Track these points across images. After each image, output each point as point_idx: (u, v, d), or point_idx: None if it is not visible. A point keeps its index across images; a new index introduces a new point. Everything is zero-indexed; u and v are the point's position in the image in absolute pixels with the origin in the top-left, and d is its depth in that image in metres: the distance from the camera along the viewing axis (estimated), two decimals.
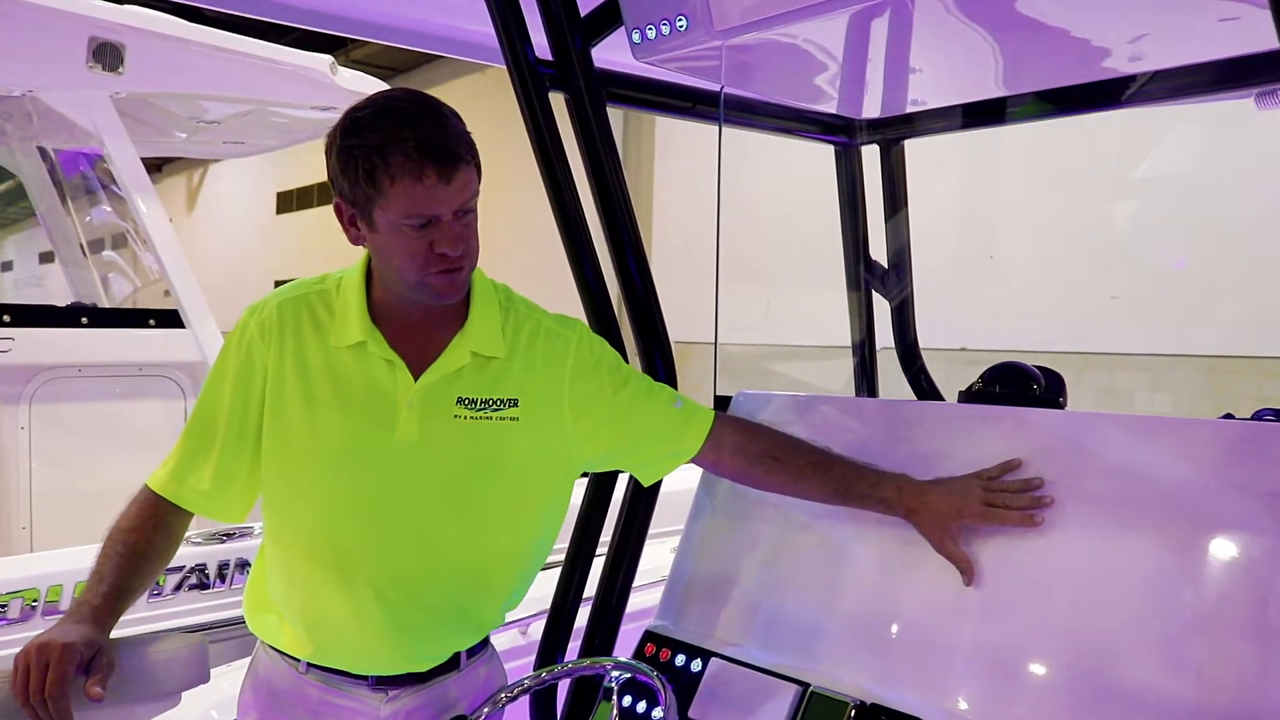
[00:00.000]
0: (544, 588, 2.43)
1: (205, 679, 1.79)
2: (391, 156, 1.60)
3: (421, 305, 1.79)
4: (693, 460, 2.02)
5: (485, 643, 2.02)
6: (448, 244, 1.68)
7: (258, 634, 1.94)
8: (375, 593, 1.81)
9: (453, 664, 1.93)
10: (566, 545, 2.37)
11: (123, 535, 1.76)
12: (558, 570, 2.40)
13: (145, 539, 1.77)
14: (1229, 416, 2.06)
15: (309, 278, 1.90)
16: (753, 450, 2.01)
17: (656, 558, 2.56)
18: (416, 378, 1.80)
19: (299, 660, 1.87)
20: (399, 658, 1.86)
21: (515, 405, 1.85)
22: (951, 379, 3.08)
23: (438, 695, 1.91)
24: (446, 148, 1.63)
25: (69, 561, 3.53)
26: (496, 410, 1.83)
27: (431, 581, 1.84)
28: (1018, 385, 2.29)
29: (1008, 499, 1.86)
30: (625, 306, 2.33)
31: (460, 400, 1.81)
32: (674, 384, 2.39)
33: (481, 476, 1.85)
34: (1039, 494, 1.86)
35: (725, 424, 2.02)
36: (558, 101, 2.23)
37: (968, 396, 2.36)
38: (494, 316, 1.88)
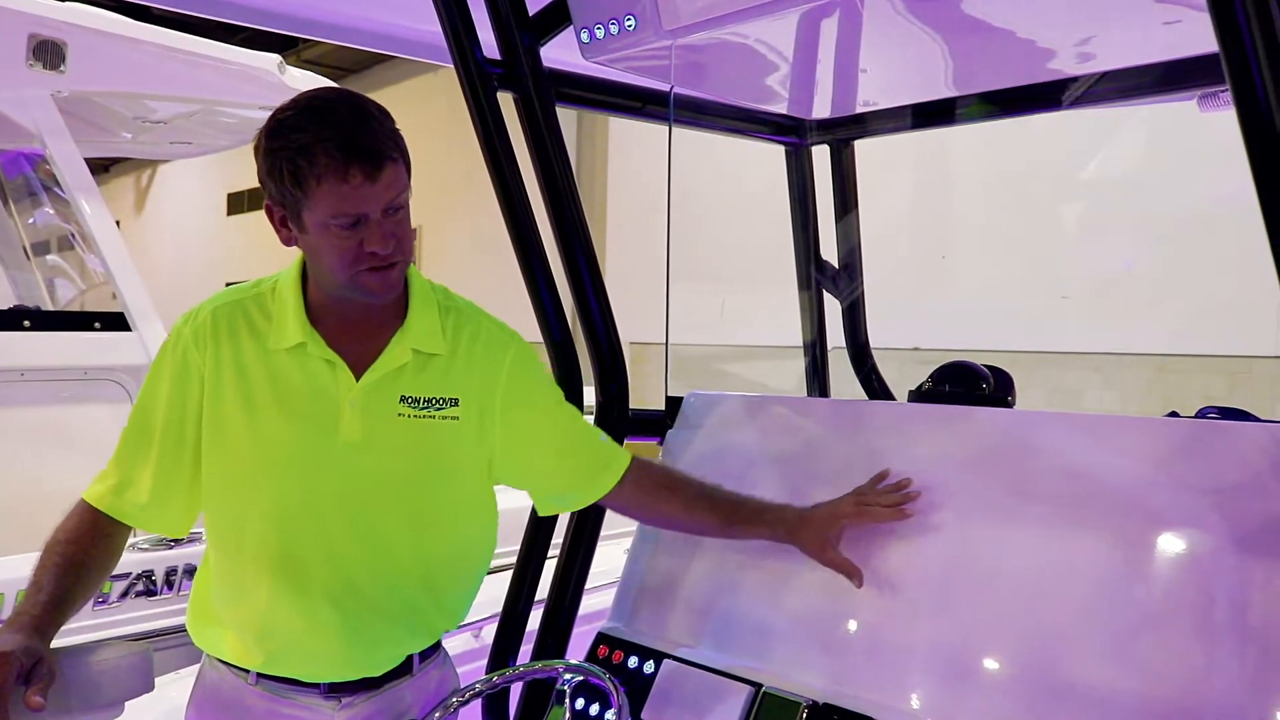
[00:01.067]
0: (496, 590, 2.41)
1: (150, 688, 1.75)
2: (316, 157, 1.59)
3: (359, 304, 1.77)
4: (609, 503, 2.03)
5: (437, 647, 2.01)
6: (378, 242, 1.66)
7: (203, 648, 1.90)
8: (327, 595, 1.78)
9: (405, 668, 1.91)
10: (518, 547, 2.36)
11: (61, 547, 1.72)
12: (509, 573, 2.39)
13: (84, 550, 1.73)
14: (1174, 414, 2.09)
15: (243, 284, 1.88)
16: (649, 488, 2.02)
17: (610, 559, 2.56)
18: (358, 377, 1.78)
19: (248, 671, 1.84)
20: (351, 662, 1.83)
21: (456, 405, 1.84)
22: (904, 379, 3.10)
23: (391, 701, 1.89)
24: (371, 146, 1.61)
25: (12, 570, 3.46)
26: (439, 409, 1.82)
27: (382, 582, 1.82)
28: (967, 384, 2.31)
29: (878, 498, 1.96)
30: (576, 308, 2.32)
31: (404, 399, 1.80)
32: (625, 386, 2.39)
33: (427, 475, 1.84)
34: (909, 491, 1.96)
35: (641, 462, 2.02)
36: (506, 101, 2.22)
37: (917, 396, 2.37)
38: (433, 314, 1.86)
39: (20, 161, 5.80)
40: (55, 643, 1.61)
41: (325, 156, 1.58)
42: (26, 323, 4.55)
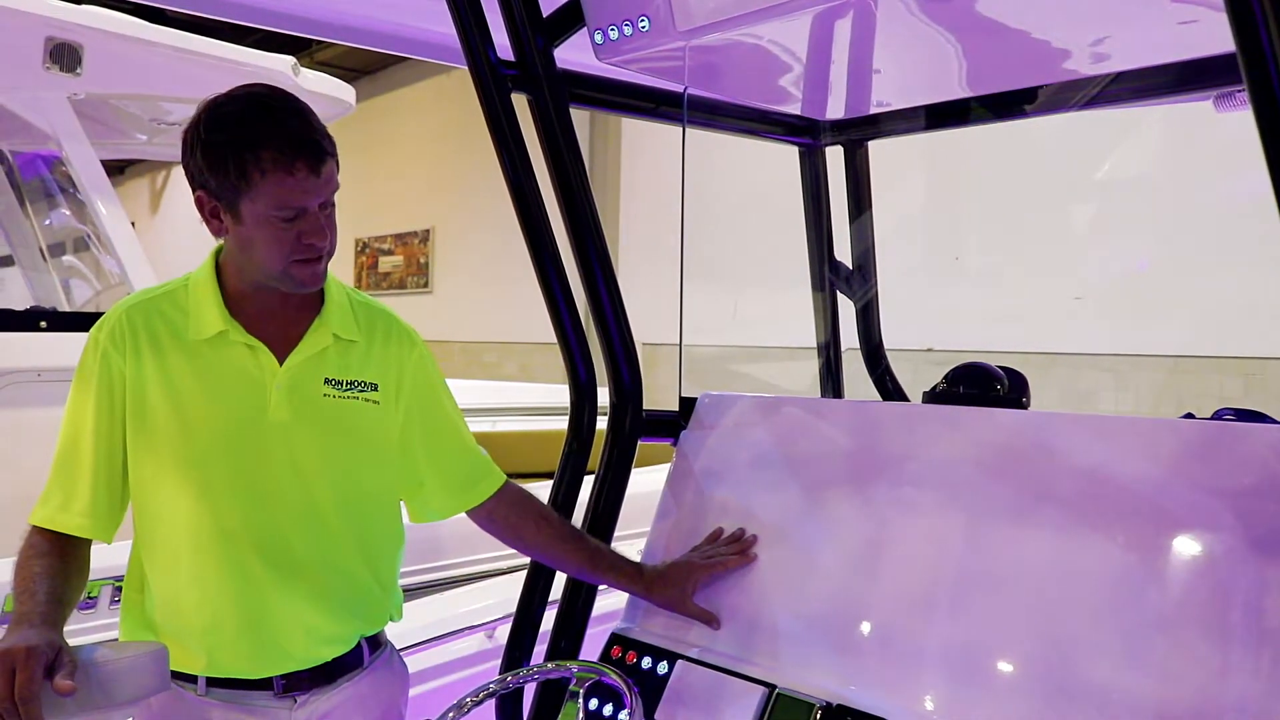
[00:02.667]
0: (510, 591, 2.42)
1: (166, 686, 1.75)
2: (263, 151, 1.65)
3: (278, 294, 1.83)
4: (469, 511, 2.09)
5: (381, 640, 2.05)
6: (314, 234, 1.74)
7: None
8: (270, 576, 1.82)
9: (357, 659, 1.94)
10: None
11: (34, 562, 1.73)
12: (523, 574, 2.39)
13: (58, 559, 1.75)
14: (1190, 416, 2.08)
15: (151, 286, 1.93)
16: (527, 514, 2.10)
17: None
18: (281, 361, 1.84)
19: (195, 680, 1.84)
20: (300, 644, 1.86)
21: (376, 389, 1.92)
22: (918, 380, 3.09)
23: (348, 696, 1.92)
24: (314, 142, 1.69)
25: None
26: (361, 391, 1.91)
27: (323, 558, 1.87)
28: (981, 386, 2.30)
29: (721, 551, 2.15)
30: (590, 309, 2.33)
31: (328, 380, 1.88)
32: (639, 386, 2.39)
33: (357, 453, 1.91)
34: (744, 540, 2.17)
35: (509, 489, 2.10)
36: (520, 103, 2.22)
37: (932, 397, 2.37)
38: (345, 303, 1.95)
39: (36, 163, 5.82)
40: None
41: (273, 150, 1.65)
42: (43, 323, 4.56)
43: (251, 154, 1.65)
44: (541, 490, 2.17)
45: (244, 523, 1.81)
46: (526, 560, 2.36)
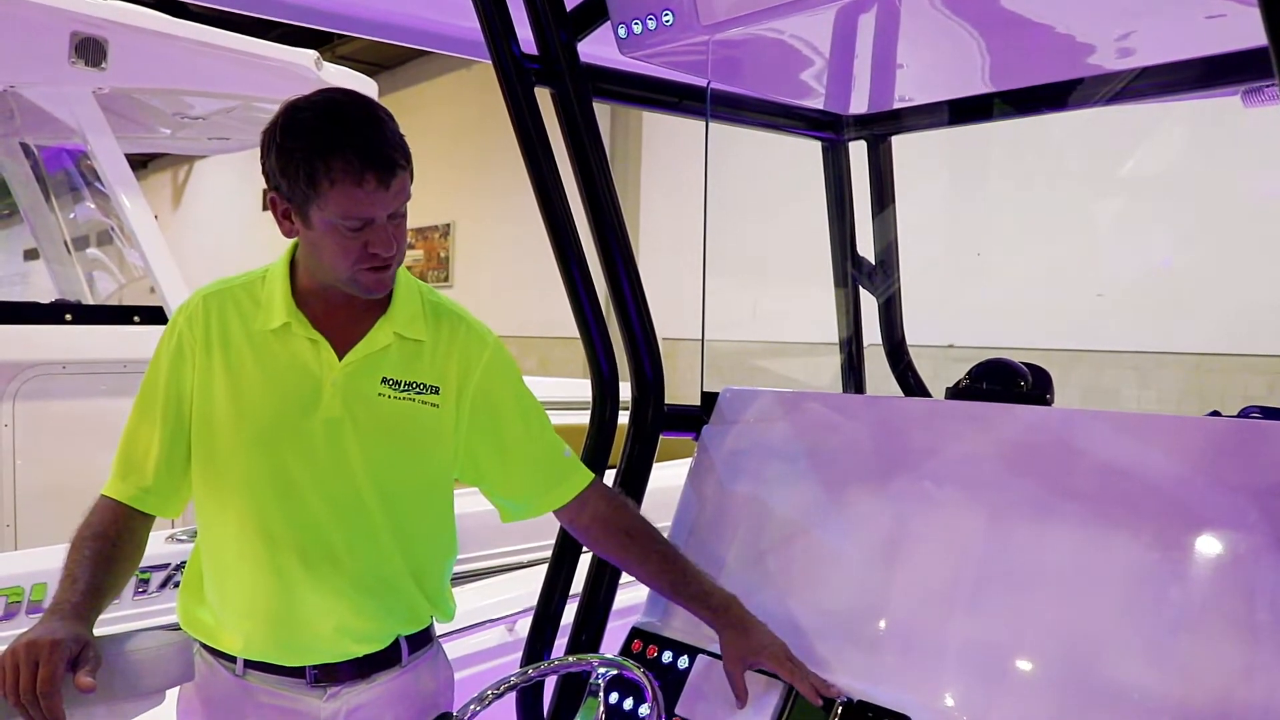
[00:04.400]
0: (531, 585, 2.42)
1: (190, 677, 1.78)
2: (334, 161, 1.64)
3: (346, 293, 1.82)
4: (555, 513, 2.05)
5: (429, 639, 2.03)
6: (380, 245, 1.73)
7: (189, 631, 1.92)
8: (306, 570, 1.83)
9: (393, 656, 1.93)
10: (553, 541, 2.36)
11: (88, 543, 1.75)
12: (544, 568, 2.39)
13: (110, 543, 1.77)
14: (1216, 414, 2.07)
15: (238, 274, 1.94)
16: (613, 524, 2.03)
17: None
18: (341, 357, 1.84)
19: (235, 661, 1.87)
20: (334, 638, 1.86)
21: (436, 393, 1.90)
22: (939, 376, 3.08)
23: (380, 694, 1.91)
24: (386, 155, 1.68)
25: (53, 559, 3.47)
26: (420, 393, 1.89)
27: (360, 557, 1.86)
28: (1005, 382, 2.29)
29: (807, 676, 1.91)
30: (612, 303, 2.32)
31: (385, 380, 1.86)
32: (661, 381, 2.39)
33: (405, 454, 1.89)
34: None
35: (597, 490, 2.05)
36: (543, 97, 2.22)
37: (955, 393, 2.36)
38: (416, 303, 1.93)
39: (62, 157, 5.86)
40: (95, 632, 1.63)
41: (343, 161, 1.64)
42: (68, 316, 4.60)
43: (322, 163, 1.64)
44: None
45: (282, 514, 1.83)
46: (547, 554, 2.36)
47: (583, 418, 2.41)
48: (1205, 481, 1.75)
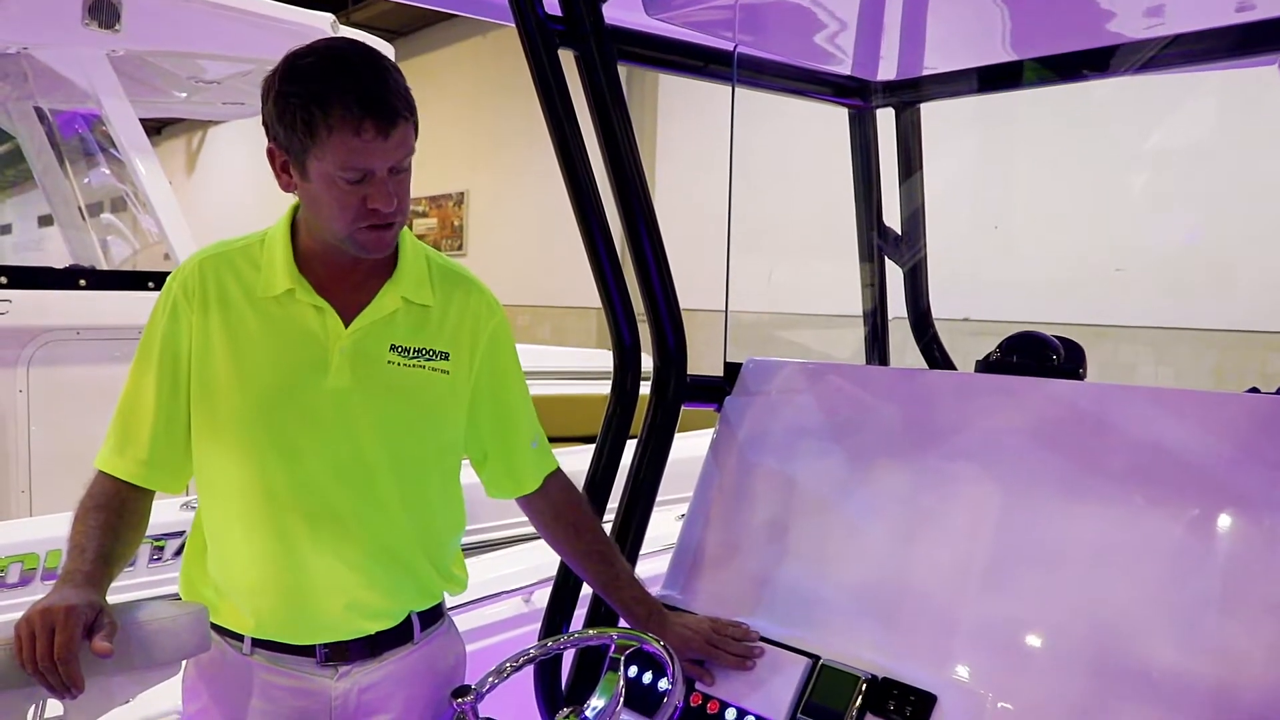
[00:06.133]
0: (547, 556, 2.39)
1: (206, 647, 1.74)
2: (331, 107, 1.57)
3: (349, 255, 1.76)
4: (518, 500, 2.06)
5: (439, 614, 1.99)
6: (380, 200, 1.65)
7: None
8: (315, 544, 1.78)
9: (406, 634, 1.89)
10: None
11: (91, 514, 1.71)
12: None
13: (115, 513, 1.73)
14: (1255, 390, 2.02)
15: (233, 237, 1.88)
16: (564, 515, 2.06)
17: (658, 526, 2.53)
18: (346, 325, 1.78)
19: (242, 640, 1.83)
20: (341, 613, 1.81)
21: (446, 359, 1.85)
22: (955, 349, 3.04)
23: (391, 672, 1.87)
24: (387, 102, 1.60)
25: (68, 526, 3.49)
26: (429, 360, 1.84)
27: (370, 529, 1.82)
28: (1036, 355, 2.25)
29: (727, 643, 2.02)
30: (634, 269, 2.28)
31: (394, 348, 1.81)
32: (684, 351, 2.35)
33: (414, 423, 1.84)
34: (751, 644, 2.04)
35: (560, 479, 2.06)
36: (567, 60, 2.17)
37: (985, 366, 2.32)
38: (422, 267, 1.87)
39: (76, 121, 5.83)
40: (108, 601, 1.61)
41: (341, 107, 1.57)
42: (82, 282, 4.58)
43: (320, 109, 1.57)
44: (577, 456, 2.12)
45: (291, 488, 1.77)
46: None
47: (596, 388, 2.37)
48: (1244, 459, 1.71)
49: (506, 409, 1.96)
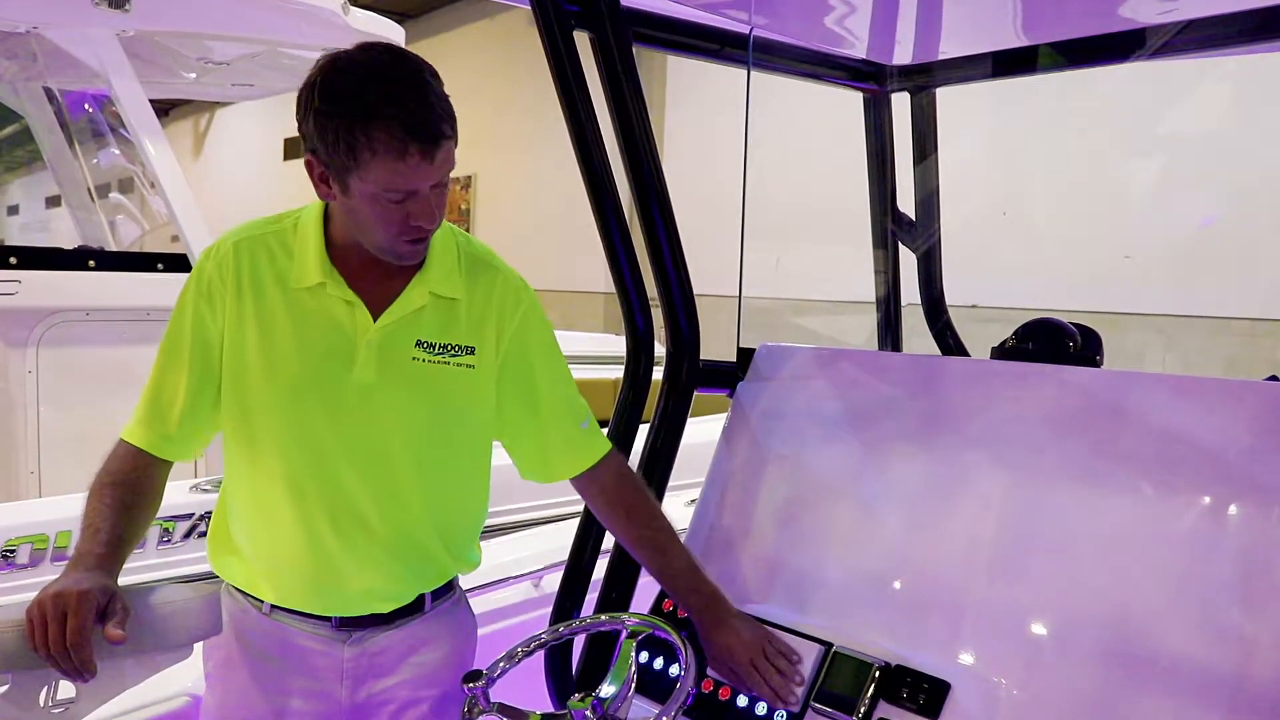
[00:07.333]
0: (558, 540, 2.39)
1: (219, 630, 1.75)
2: (375, 132, 1.56)
3: None
4: (572, 482, 2.02)
5: (451, 587, 2.03)
6: (423, 217, 1.67)
7: (220, 574, 1.94)
8: (335, 532, 1.81)
9: (417, 606, 1.94)
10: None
11: (107, 491, 1.72)
12: (572, 522, 2.36)
13: (131, 489, 1.74)
14: (1274, 378, 2.01)
15: (265, 217, 1.87)
16: (617, 500, 2.01)
17: (670, 511, 2.52)
18: (376, 318, 1.78)
19: (262, 602, 1.89)
20: (358, 596, 1.87)
21: (472, 353, 1.85)
22: (964, 336, 3.03)
23: (402, 638, 1.92)
24: (431, 126, 1.59)
25: (78, 506, 3.48)
26: (454, 355, 1.83)
27: (389, 521, 1.84)
28: (1053, 342, 2.24)
29: (769, 671, 1.91)
30: (648, 253, 2.27)
31: (420, 343, 1.81)
32: (697, 336, 2.34)
33: (437, 419, 1.85)
34: (795, 678, 1.93)
35: (610, 464, 2.01)
36: (581, 43, 2.15)
37: (1001, 353, 2.30)
38: (452, 258, 1.86)
39: (85, 102, 5.82)
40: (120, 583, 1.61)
41: (385, 134, 1.56)
42: (91, 263, 4.58)
43: (364, 133, 1.55)
44: None
45: (314, 479, 1.80)
46: (576, 509, 2.33)
47: (607, 372, 2.36)
48: (1263, 447, 1.70)
49: (534, 395, 1.94)
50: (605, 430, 2.31)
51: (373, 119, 1.55)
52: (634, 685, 1.75)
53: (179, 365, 1.81)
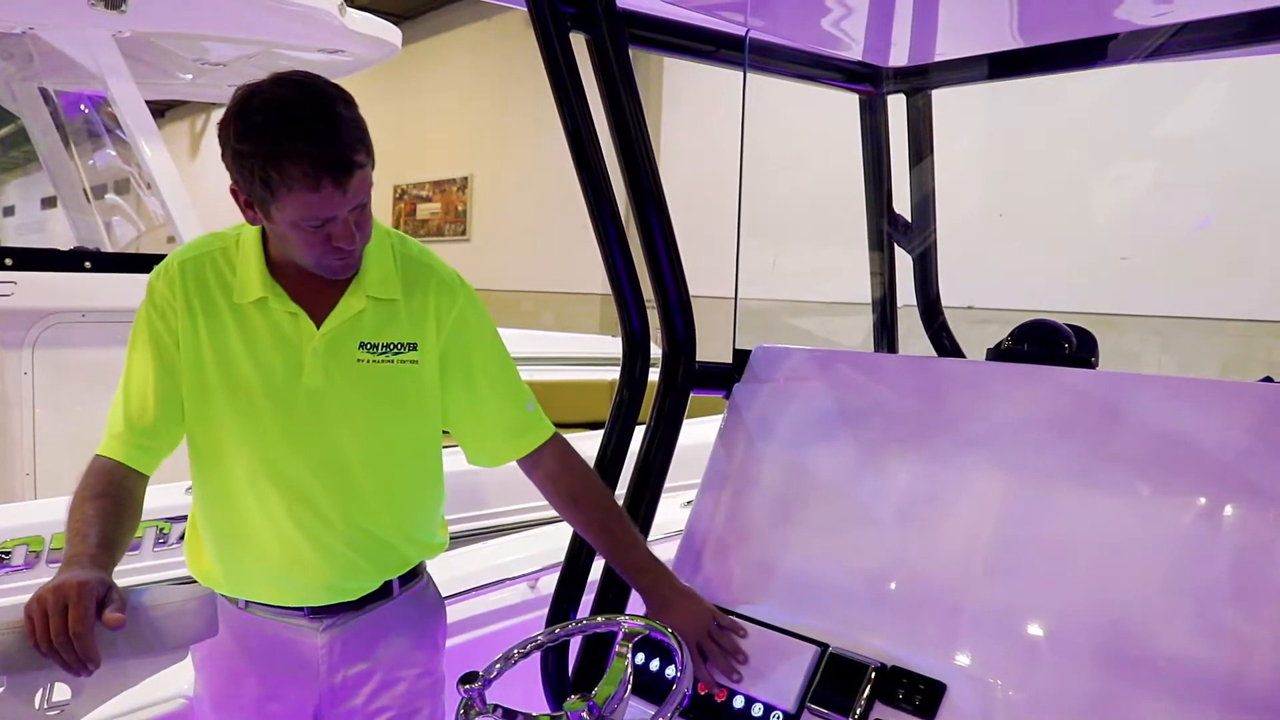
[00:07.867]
0: (554, 542, 2.39)
1: (214, 632, 1.74)
2: (287, 168, 1.62)
3: None
4: (518, 463, 2.08)
5: (419, 571, 2.11)
6: (343, 239, 1.73)
7: (195, 575, 2.02)
8: (296, 527, 1.89)
9: (385, 592, 2.02)
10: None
11: (88, 503, 1.73)
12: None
13: (113, 501, 1.76)
14: (1269, 380, 2.01)
15: (210, 234, 1.94)
16: (561, 484, 2.07)
17: (666, 512, 2.52)
18: (319, 326, 1.86)
19: (236, 599, 1.98)
20: (325, 589, 1.95)
21: (414, 349, 1.93)
22: (960, 337, 3.03)
23: (373, 620, 2.01)
24: (342, 159, 1.64)
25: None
26: (397, 354, 1.91)
27: (350, 519, 1.92)
28: (1048, 344, 2.24)
29: (717, 649, 2.00)
30: (644, 256, 2.27)
31: (363, 345, 1.89)
32: (692, 337, 2.34)
33: (386, 417, 1.93)
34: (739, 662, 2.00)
35: (553, 449, 2.06)
36: (577, 44, 2.16)
37: (996, 354, 2.31)
38: (387, 261, 1.93)
39: (81, 103, 5.81)
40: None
41: (297, 169, 1.62)
42: (87, 264, 4.57)
43: (276, 170, 1.62)
44: (582, 441, 2.12)
45: (274, 484, 1.88)
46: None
47: (600, 373, 2.37)
48: (1258, 449, 1.70)
49: (473, 381, 2.00)
50: (602, 432, 2.32)
51: (283, 157, 1.61)
52: (630, 686, 1.75)
53: (144, 380, 1.86)
